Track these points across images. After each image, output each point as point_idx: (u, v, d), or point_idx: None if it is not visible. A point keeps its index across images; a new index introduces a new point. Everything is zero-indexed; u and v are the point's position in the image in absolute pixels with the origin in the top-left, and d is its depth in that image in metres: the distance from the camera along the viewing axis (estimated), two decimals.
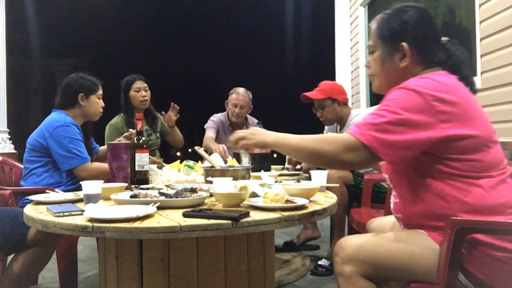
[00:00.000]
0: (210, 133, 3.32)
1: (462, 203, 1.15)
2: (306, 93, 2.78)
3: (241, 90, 3.42)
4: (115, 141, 2.11)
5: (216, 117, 3.48)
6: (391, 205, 1.37)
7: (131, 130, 2.30)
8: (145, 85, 3.07)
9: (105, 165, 2.20)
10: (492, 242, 1.11)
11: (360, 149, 1.15)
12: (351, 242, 1.23)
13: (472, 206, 1.14)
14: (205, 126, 3.45)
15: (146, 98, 3.05)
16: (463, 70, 1.26)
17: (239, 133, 1.39)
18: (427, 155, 1.18)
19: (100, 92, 2.35)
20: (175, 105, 3.04)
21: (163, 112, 3.13)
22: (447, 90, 1.16)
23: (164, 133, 3.24)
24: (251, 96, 3.45)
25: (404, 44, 1.26)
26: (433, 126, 1.13)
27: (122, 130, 2.93)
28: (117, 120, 3.07)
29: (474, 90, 1.28)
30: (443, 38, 1.31)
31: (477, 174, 1.15)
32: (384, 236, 1.26)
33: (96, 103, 2.33)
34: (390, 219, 1.53)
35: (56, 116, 2.22)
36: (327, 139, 1.23)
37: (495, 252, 1.11)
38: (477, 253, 1.12)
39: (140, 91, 3.04)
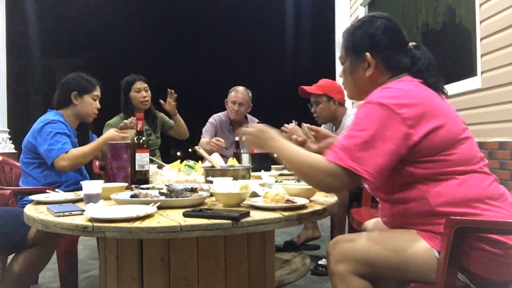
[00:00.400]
0: (204, 140, 3.24)
1: (439, 197, 1.17)
2: (304, 87, 2.80)
3: (240, 88, 3.40)
4: (115, 141, 2.11)
5: (214, 118, 3.45)
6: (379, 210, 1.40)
7: (125, 121, 2.29)
8: (146, 85, 3.06)
9: (83, 148, 2.17)
10: (488, 237, 1.13)
11: (341, 173, 1.16)
12: (344, 241, 1.25)
13: (449, 199, 1.17)
14: (203, 130, 3.43)
15: (146, 98, 3.05)
16: (429, 74, 1.29)
17: (252, 131, 1.41)
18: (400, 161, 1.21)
19: (96, 93, 2.32)
20: (172, 91, 3.07)
21: (161, 101, 3.13)
22: (409, 95, 1.20)
23: (167, 127, 3.24)
24: (250, 94, 3.43)
25: (367, 54, 1.31)
26: (402, 134, 1.15)
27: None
28: (115, 120, 3.06)
29: (443, 93, 1.31)
30: (410, 44, 1.35)
31: (449, 169, 1.18)
32: (377, 234, 1.27)
33: (90, 103, 2.29)
34: None
35: (45, 116, 2.22)
36: (311, 163, 1.23)
37: (491, 248, 1.13)
38: (474, 251, 1.13)
39: (141, 91, 3.03)
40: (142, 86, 3.04)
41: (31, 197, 1.56)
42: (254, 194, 1.44)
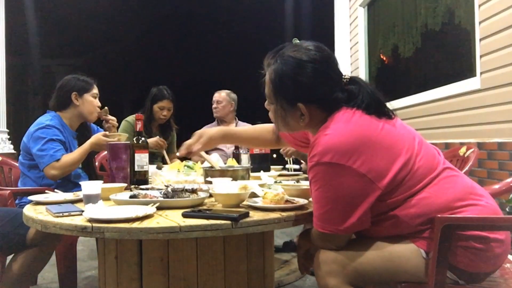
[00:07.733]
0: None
1: (417, 217, 1.16)
2: None
3: (219, 91, 3.69)
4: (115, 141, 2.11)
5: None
6: None
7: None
8: (171, 105, 3.19)
9: (72, 154, 2.16)
10: (472, 234, 1.14)
11: (330, 237, 1.18)
12: (330, 255, 1.21)
13: (426, 213, 1.15)
14: None
15: (166, 118, 3.18)
16: (370, 111, 1.19)
17: None
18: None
19: (95, 91, 2.35)
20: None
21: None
22: (359, 138, 1.13)
23: (169, 149, 3.31)
24: (232, 95, 3.69)
25: (300, 105, 1.21)
26: (369, 186, 1.11)
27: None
28: (134, 117, 3.10)
29: (389, 116, 1.23)
30: (344, 77, 1.25)
31: (416, 188, 1.16)
32: (361, 242, 1.25)
33: (91, 102, 2.32)
34: None
35: (41, 118, 2.22)
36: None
37: (475, 243, 1.14)
38: (460, 248, 1.14)
39: (164, 109, 3.16)
40: (167, 105, 3.17)
41: (30, 198, 1.56)
42: (254, 195, 1.44)
